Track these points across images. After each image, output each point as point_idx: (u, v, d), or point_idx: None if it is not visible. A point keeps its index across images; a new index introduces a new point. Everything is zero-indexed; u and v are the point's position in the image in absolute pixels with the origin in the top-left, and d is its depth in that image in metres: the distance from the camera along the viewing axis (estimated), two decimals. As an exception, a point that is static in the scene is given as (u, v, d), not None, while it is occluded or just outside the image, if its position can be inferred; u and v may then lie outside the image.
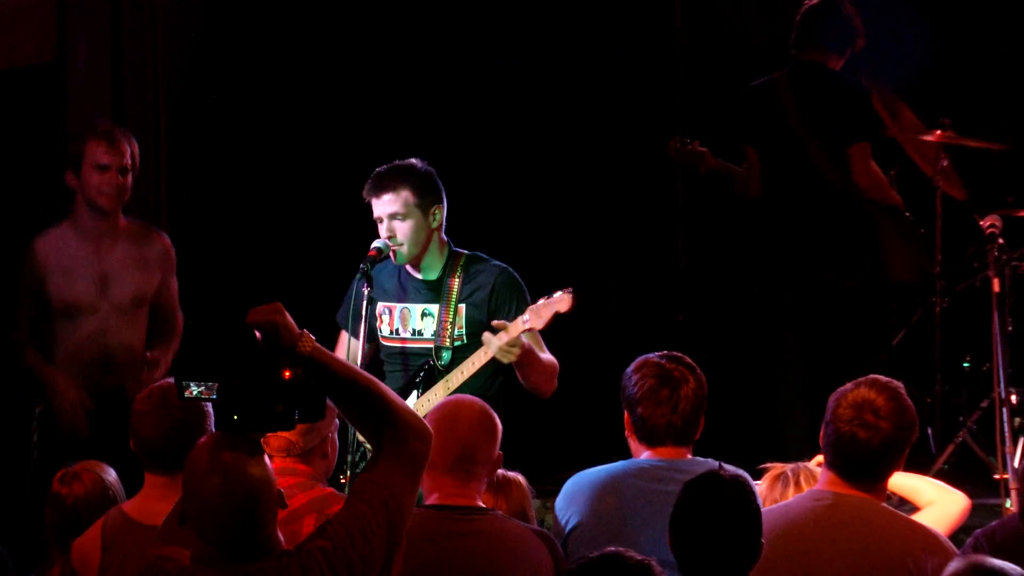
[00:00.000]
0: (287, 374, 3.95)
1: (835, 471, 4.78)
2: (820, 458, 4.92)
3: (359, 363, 6.32)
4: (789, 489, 5.17)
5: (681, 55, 9.59)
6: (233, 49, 8.63)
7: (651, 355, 5.22)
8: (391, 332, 6.27)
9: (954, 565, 3.82)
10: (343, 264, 6.25)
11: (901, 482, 5.16)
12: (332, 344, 6.36)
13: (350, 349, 6.21)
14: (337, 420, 4.96)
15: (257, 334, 3.94)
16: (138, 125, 7.34)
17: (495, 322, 6.03)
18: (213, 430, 4.52)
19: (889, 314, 8.81)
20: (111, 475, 5.27)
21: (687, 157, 8.17)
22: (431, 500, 4.74)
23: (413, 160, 6.26)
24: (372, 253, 6.16)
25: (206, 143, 8.42)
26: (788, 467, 5.22)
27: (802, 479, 5.15)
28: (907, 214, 8.15)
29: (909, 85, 8.85)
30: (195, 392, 3.94)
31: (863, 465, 4.78)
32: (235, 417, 3.89)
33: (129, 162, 6.71)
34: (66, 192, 6.77)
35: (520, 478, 5.28)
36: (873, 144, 7.99)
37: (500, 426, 4.83)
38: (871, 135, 8.00)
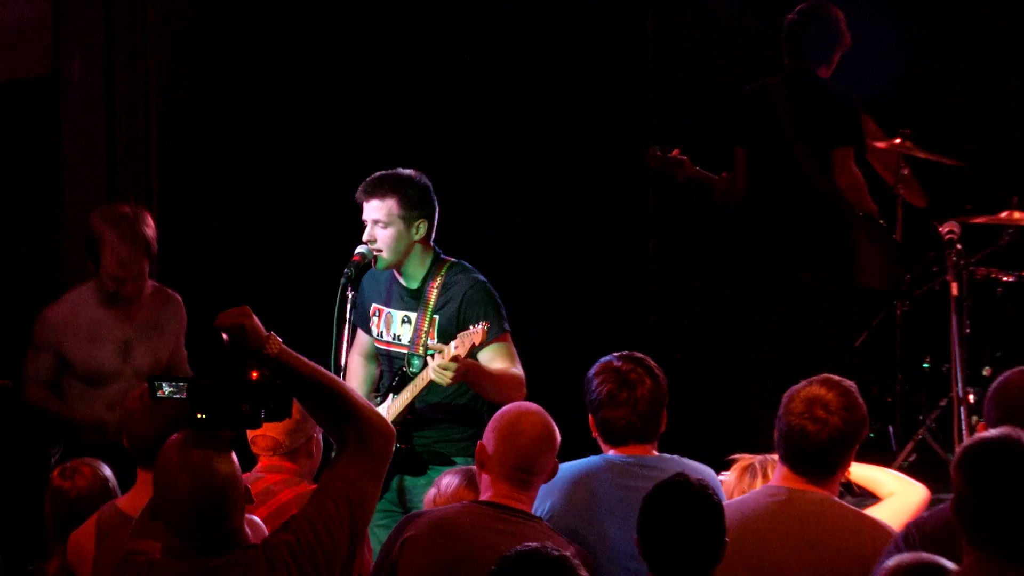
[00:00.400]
0: (254, 375, 4.01)
1: (788, 465, 4.84)
2: None
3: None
4: (757, 480, 5.23)
5: (653, 65, 9.55)
6: (223, 63, 8.62)
7: (610, 357, 5.31)
8: (378, 334, 6.31)
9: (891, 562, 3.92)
10: (330, 273, 6.33)
11: (863, 473, 5.25)
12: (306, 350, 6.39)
13: (362, 343, 6.39)
14: None
15: (224, 336, 4.00)
16: (129, 134, 7.38)
17: (431, 344, 6.10)
18: None
19: (853, 315, 8.88)
20: (107, 470, 5.30)
21: (666, 164, 8.25)
22: (485, 497, 4.83)
23: (410, 171, 6.26)
24: (356, 258, 6.13)
25: (195, 152, 8.42)
26: (756, 459, 5.28)
27: (769, 470, 5.17)
28: (882, 222, 8.23)
29: (875, 97, 8.92)
30: (167, 392, 4.01)
31: (813, 458, 4.83)
32: (202, 416, 3.95)
33: (146, 264, 6.54)
34: (58, 197, 6.81)
35: None
36: (857, 150, 8.13)
37: (559, 437, 4.91)
38: (855, 141, 8.12)
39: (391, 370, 6.27)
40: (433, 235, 6.24)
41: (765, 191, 8.12)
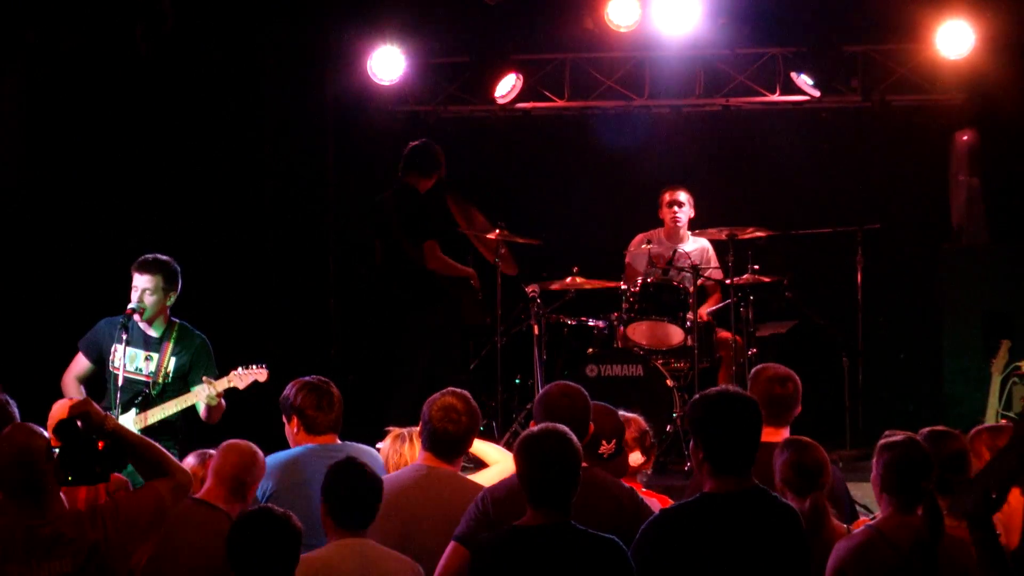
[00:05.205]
0: (100, 445, 4.31)
1: (430, 452, 5.17)
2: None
3: (83, 376, 6.62)
4: (405, 443, 5.45)
5: (332, 177, 9.70)
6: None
7: (307, 378, 5.60)
8: (120, 365, 6.57)
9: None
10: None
11: (479, 448, 5.52)
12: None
13: (80, 366, 6.61)
14: None
15: (78, 422, 4.33)
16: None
17: (205, 378, 6.49)
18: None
19: (467, 347, 9.01)
20: None
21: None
22: None
23: (168, 258, 6.67)
24: (128, 312, 6.57)
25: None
26: (404, 430, 5.57)
27: (414, 437, 5.43)
28: (473, 282, 8.55)
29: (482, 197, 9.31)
30: None
31: (451, 447, 5.13)
32: (68, 477, 4.27)
33: None
34: None
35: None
36: (441, 241, 8.42)
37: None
38: (438, 235, 8.43)
39: (120, 389, 6.50)
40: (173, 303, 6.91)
41: (393, 268, 8.55)
